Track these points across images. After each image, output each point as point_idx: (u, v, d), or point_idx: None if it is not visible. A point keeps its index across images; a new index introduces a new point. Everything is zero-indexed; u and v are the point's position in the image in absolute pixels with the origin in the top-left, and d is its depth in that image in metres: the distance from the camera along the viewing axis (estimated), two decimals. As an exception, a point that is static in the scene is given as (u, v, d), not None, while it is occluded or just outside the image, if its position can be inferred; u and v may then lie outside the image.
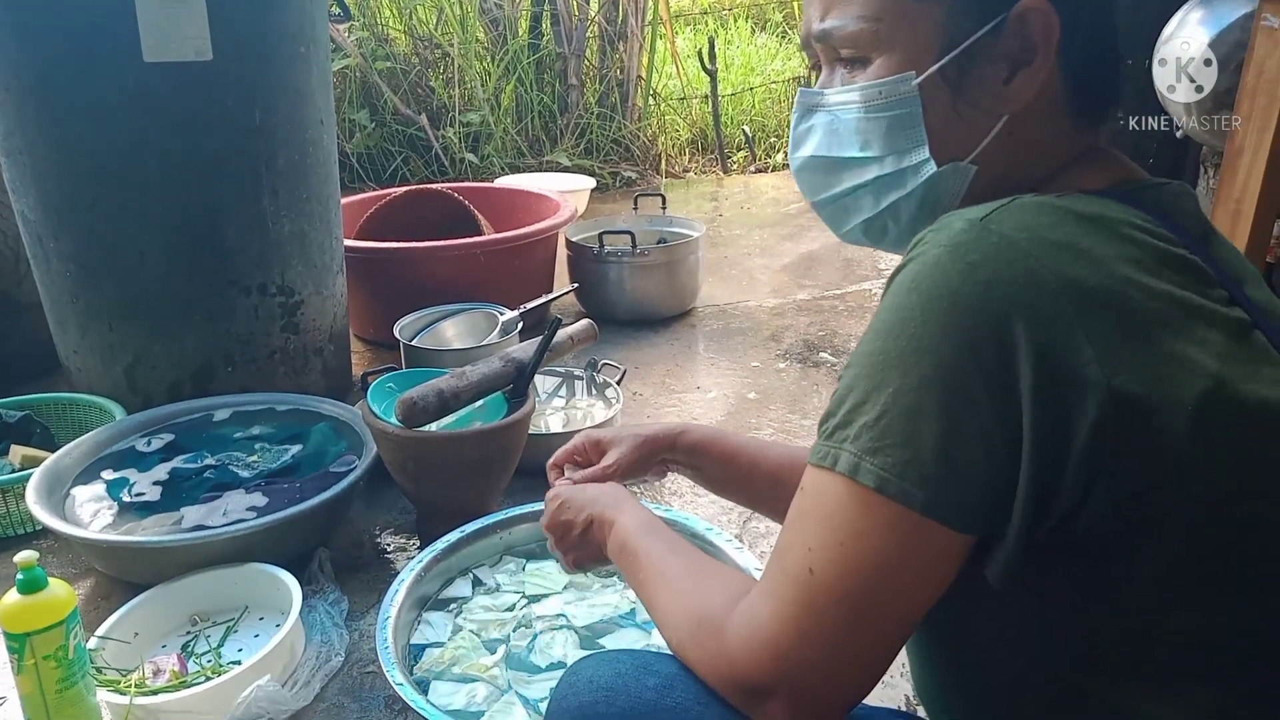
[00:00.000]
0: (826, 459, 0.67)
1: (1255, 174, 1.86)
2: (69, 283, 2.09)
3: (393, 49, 4.99)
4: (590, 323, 2.14)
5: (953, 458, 0.63)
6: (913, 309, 0.65)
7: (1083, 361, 0.61)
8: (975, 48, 0.75)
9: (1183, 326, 0.64)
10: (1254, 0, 1.85)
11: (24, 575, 1.24)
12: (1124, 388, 0.61)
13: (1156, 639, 0.67)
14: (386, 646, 1.35)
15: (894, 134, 0.78)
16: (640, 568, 0.90)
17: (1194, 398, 0.62)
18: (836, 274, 3.55)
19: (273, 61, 2.06)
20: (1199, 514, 0.63)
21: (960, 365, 0.63)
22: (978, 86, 0.76)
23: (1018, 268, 0.63)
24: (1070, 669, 0.69)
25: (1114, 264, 0.64)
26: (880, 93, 0.77)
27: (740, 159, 5.55)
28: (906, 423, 0.63)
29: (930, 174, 0.78)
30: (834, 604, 0.66)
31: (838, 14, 0.78)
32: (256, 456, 1.93)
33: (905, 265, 0.68)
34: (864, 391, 0.66)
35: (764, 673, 0.69)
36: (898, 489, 0.63)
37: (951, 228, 0.66)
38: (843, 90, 0.80)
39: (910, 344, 0.64)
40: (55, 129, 1.95)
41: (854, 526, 0.66)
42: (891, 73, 0.77)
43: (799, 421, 2.35)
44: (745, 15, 7.17)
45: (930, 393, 0.63)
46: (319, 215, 2.25)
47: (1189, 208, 0.75)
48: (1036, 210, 0.67)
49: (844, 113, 0.81)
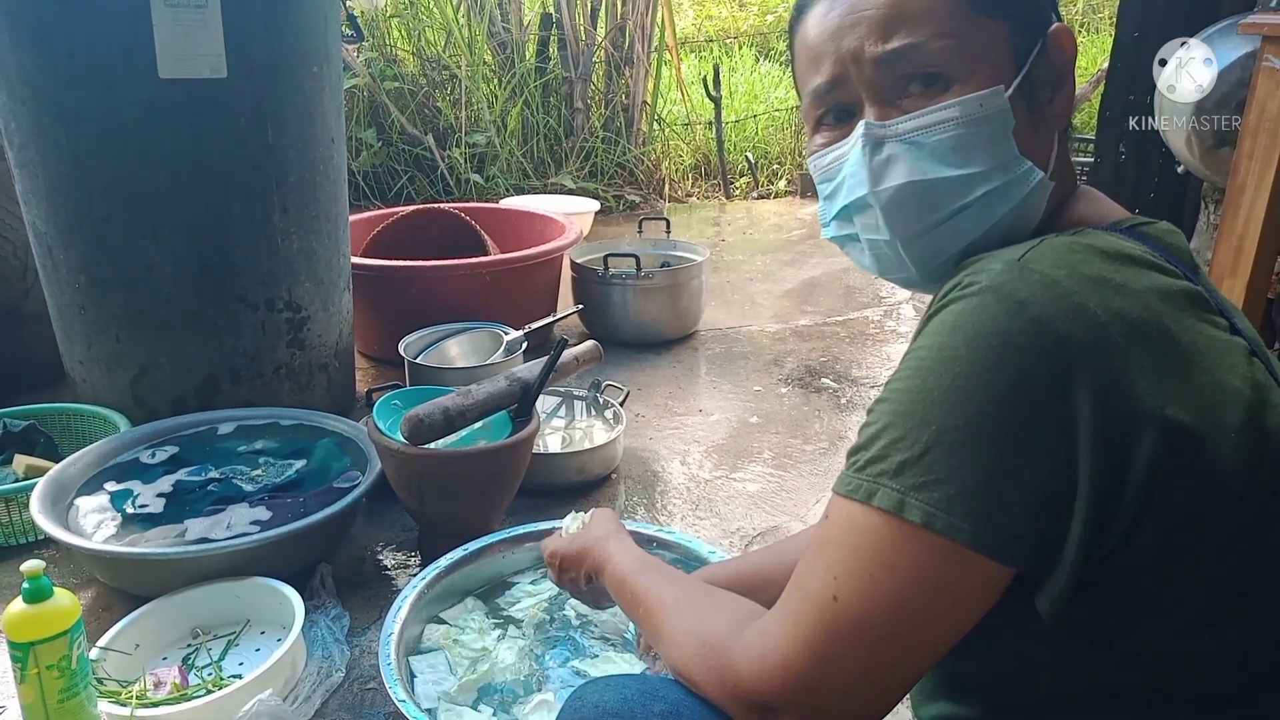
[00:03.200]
0: (859, 492, 0.68)
1: (1257, 211, 1.88)
2: (77, 294, 2.10)
3: (401, 69, 5.03)
4: (596, 344, 2.16)
5: (1002, 492, 0.63)
6: (957, 348, 0.65)
7: (1137, 393, 0.62)
8: (1032, 66, 0.77)
9: (1214, 354, 0.66)
10: (1255, 40, 1.87)
11: (30, 584, 1.24)
12: (1176, 417, 0.62)
13: (1186, 666, 0.68)
14: (389, 663, 1.35)
15: (995, 147, 0.76)
16: (640, 602, 0.91)
17: (1237, 424, 0.64)
18: (838, 300, 3.57)
19: (286, 80, 2.09)
20: (1238, 537, 0.65)
21: (1012, 401, 0.63)
22: (1039, 104, 0.78)
23: (1066, 303, 0.64)
24: (1094, 699, 0.70)
25: (1148, 296, 0.66)
26: (980, 105, 0.75)
27: (743, 185, 5.59)
28: (952, 459, 0.64)
29: (1037, 180, 0.77)
30: (858, 631, 0.67)
31: (909, 32, 0.76)
32: (260, 470, 1.93)
33: (945, 306, 0.68)
34: (903, 428, 0.66)
35: (774, 691, 0.69)
36: (945, 524, 0.64)
37: (990, 269, 0.67)
38: (933, 110, 0.76)
39: (956, 381, 0.64)
40: (69, 142, 1.97)
41: (888, 558, 0.66)
42: (982, 88, 0.76)
43: (799, 446, 2.36)
44: (749, 43, 7.25)
45: (979, 429, 0.63)
46: (327, 232, 2.27)
47: (1180, 244, 0.77)
48: (1067, 249, 0.68)
49: (934, 134, 0.77)
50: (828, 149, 0.83)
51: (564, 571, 1.09)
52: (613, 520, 1.12)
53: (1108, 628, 0.68)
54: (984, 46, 0.76)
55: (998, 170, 0.76)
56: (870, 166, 0.79)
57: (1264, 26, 1.82)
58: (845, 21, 0.78)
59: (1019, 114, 0.76)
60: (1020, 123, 0.77)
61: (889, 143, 0.78)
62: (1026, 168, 0.77)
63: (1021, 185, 0.77)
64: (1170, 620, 0.66)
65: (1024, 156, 0.77)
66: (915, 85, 0.77)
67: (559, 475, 2.09)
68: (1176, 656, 0.67)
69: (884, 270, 0.85)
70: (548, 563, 1.14)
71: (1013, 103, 0.76)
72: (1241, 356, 0.68)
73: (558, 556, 1.11)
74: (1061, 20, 0.81)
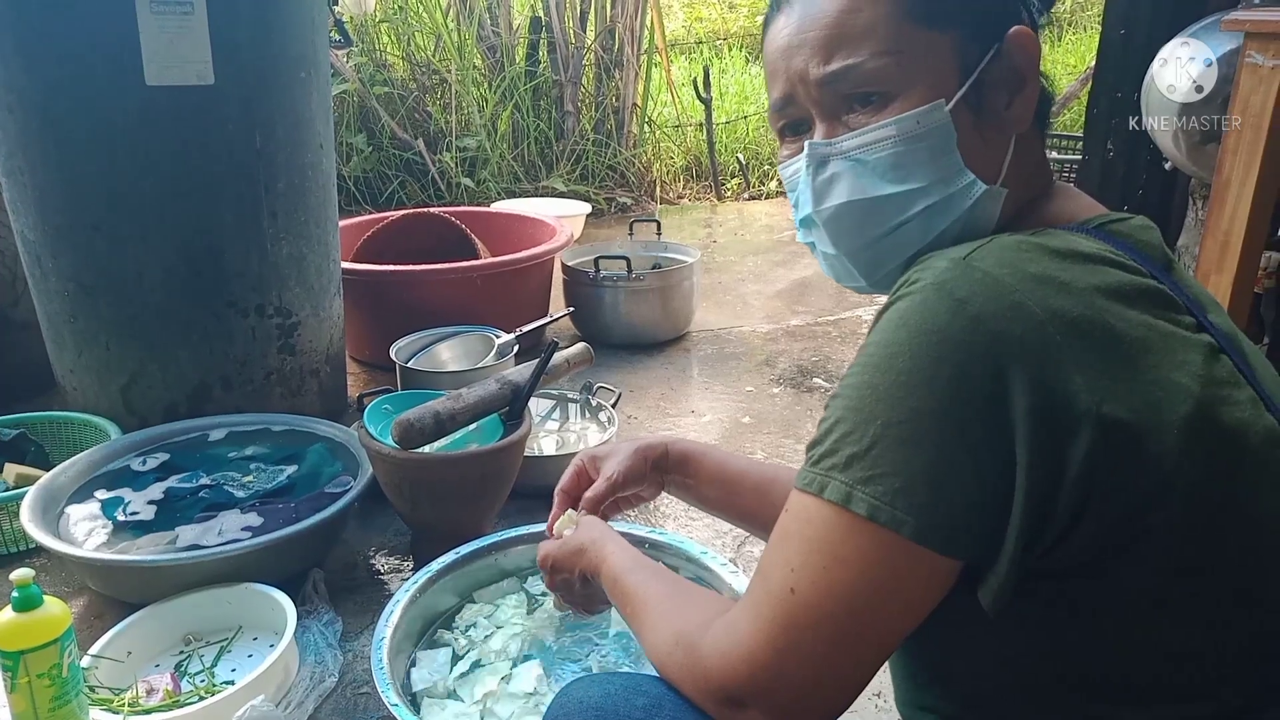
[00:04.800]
0: (813, 485, 0.69)
1: (1242, 207, 1.89)
2: (67, 302, 2.10)
3: (391, 74, 5.04)
4: (586, 346, 2.16)
5: (943, 485, 0.65)
6: (901, 344, 0.67)
7: (1073, 390, 0.63)
8: (983, 73, 0.78)
9: (1163, 351, 0.67)
10: (1238, 37, 1.88)
11: (19, 593, 1.24)
12: (1113, 414, 0.63)
13: (1145, 657, 0.68)
14: (381, 668, 1.35)
15: (935, 162, 0.77)
16: (629, 600, 0.92)
17: (1180, 420, 0.65)
18: (829, 300, 3.57)
19: (274, 86, 2.09)
20: (1183, 532, 0.65)
21: (951, 397, 0.64)
22: (991, 111, 0.79)
23: (1004, 301, 0.65)
24: (1058, 689, 0.71)
25: (1092, 295, 0.67)
26: (918, 122, 0.77)
27: (734, 186, 5.60)
28: (896, 453, 0.65)
29: (980, 193, 0.78)
30: (815, 623, 0.68)
31: (848, 54, 0.77)
32: (252, 477, 1.93)
33: (893, 303, 0.70)
34: (852, 423, 0.68)
35: (739, 683, 0.71)
36: (889, 516, 0.65)
37: (936, 267, 0.68)
38: (871, 129, 0.78)
39: (899, 378, 0.66)
40: (57, 150, 1.97)
41: (839, 551, 0.67)
42: (921, 104, 0.76)
43: (792, 445, 2.36)
44: (739, 45, 7.26)
45: (921, 424, 0.65)
46: (317, 238, 2.27)
47: (1152, 239, 0.77)
48: (1015, 247, 0.69)
49: (874, 151, 0.78)
50: (789, 161, 0.86)
51: (557, 572, 1.09)
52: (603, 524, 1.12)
53: (1058, 621, 0.69)
54: (925, 60, 0.77)
55: (938, 185, 0.78)
56: (814, 186, 0.82)
57: (1246, 23, 1.83)
58: (794, 41, 0.80)
59: (964, 125, 0.77)
60: (966, 133, 0.77)
61: (833, 161, 0.80)
62: (969, 180, 0.78)
63: (963, 198, 0.78)
64: (1118, 615, 0.67)
65: (969, 167, 0.78)
66: (856, 104, 0.79)
67: (552, 478, 2.05)
68: (1138, 647, 0.68)
69: (838, 278, 0.89)
70: (540, 565, 1.14)
71: (956, 114, 0.77)
72: (1198, 353, 0.68)
73: (550, 558, 1.11)
74: (1035, 20, 0.81)
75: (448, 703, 1.39)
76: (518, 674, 1.43)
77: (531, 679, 1.40)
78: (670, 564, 1.58)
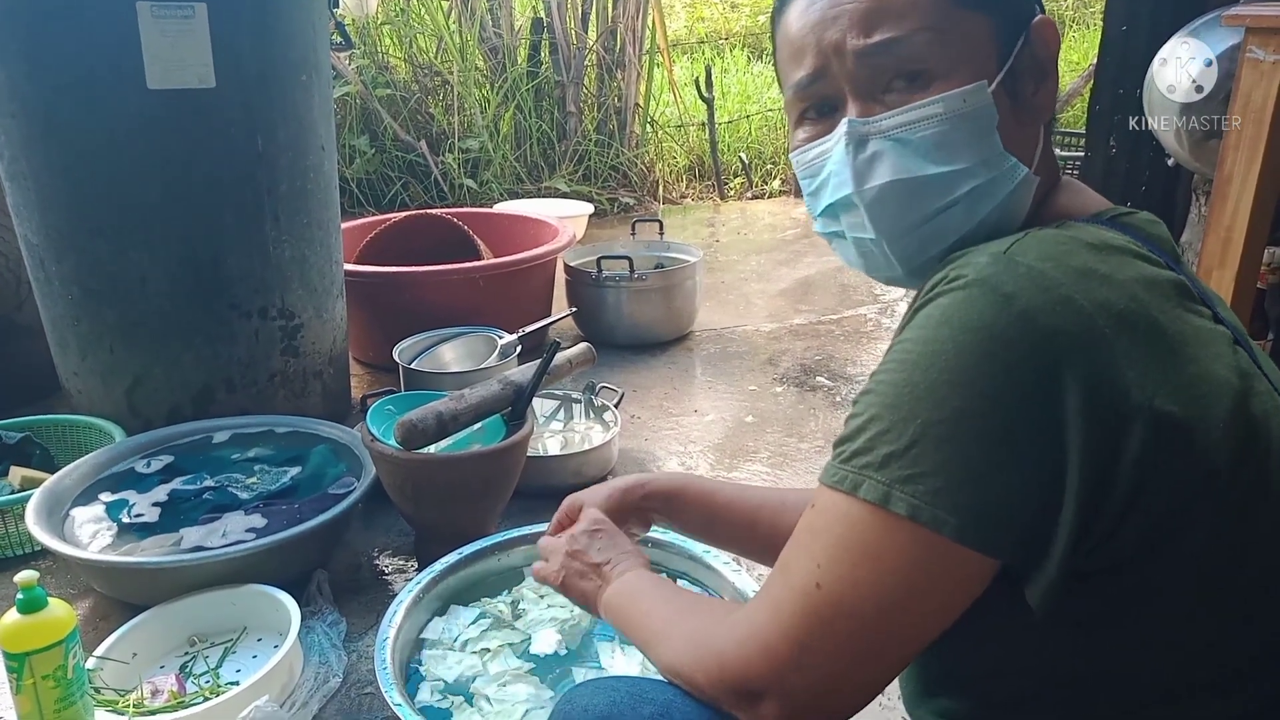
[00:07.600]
0: (845, 483, 0.68)
1: (1244, 202, 1.89)
2: (71, 306, 2.10)
3: (393, 76, 5.04)
4: (588, 346, 2.16)
5: (986, 485, 0.63)
6: (944, 341, 0.65)
7: (1126, 385, 0.62)
8: (1016, 59, 0.77)
9: (1199, 344, 0.66)
10: (1238, 33, 1.88)
11: (24, 595, 1.25)
12: (1164, 408, 0.62)
13: (1178, 652, 0.68)
14: (385, 668, 1.35)
15: (979, 143, 0.75)
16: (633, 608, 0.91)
17: (1225, 413, 0.64)
18: (833, 299, 3.57)
19: (275, 89, 2.09)
20: (1225, 526, 0.65)
21: (997, 395, 0.63)
22: (1024, 96, 0.78)
23: (1053, 296, 0.63)
24: (1084, 688, 0.70)
25: (1134, 287, 0.66)
26: (964, 100, 0.75)
27: (737, 185, 5.59)
28: (938, 452, 0.64)
29: (1021, 177, 0.76)
30: (839, 619, 0.67)
31: (891, 27, 0.75)
32: (255, 478, 1.94)
33: (931, 299, 0.68)
34: (889, 421, 0.66)
35: (755, 673, 0.70)
36: (930, 516, 0.64)
37: (976, 263, 0.67)
38: (916, 107, 0.75)
39: (942, 375, 0.64)
40: (60, 154, 1.97)
41: (873, 550, 0.66)
42: (964, 84, 0.75)
43: (795, 445, 2.36)
44: (741, 44, 7.26)
45: (964, 423, 0.63)
46: (319, 240, 2.27)
47: (1161, 233, 0.77)
48: (1054, 240, 0.68)
49: (917, 130, 0.76)
50: (811, 144, 0.82)
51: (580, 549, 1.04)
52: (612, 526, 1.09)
53: (1098, 618, 0.68)
54: (967, 40, 0.75)
55: (982, 166, 0.76)
56: (854, 165, 0.78)
57: (1247, 18, 1.82)
58: (828, 14, 0.77)
59: (1003, 108, 0.76)
60: (1004, 117, 0.76)
61: (873, 140, 0.77)
62: (1011, 164, 0.76)
63: (1006, 181, 0.76)
64: (1159, 609, 0.67)
65: (1008, 151, 0.76)
66: (898, 80, 0.76)
67: (555, 478, 2.09)
68: (1165, 646, 0.68)
69: (870, 268, 0.85)
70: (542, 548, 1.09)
71: (996, 97, 0.75)
72: (1227, 345, 0.68)
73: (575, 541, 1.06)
74: (1044, 12, 0.81)
75: (448, 654, 1.44)
76: (537, 637, 1.48)
77: (551, 642, 1.46)
78: (672, 564, 1.59)
